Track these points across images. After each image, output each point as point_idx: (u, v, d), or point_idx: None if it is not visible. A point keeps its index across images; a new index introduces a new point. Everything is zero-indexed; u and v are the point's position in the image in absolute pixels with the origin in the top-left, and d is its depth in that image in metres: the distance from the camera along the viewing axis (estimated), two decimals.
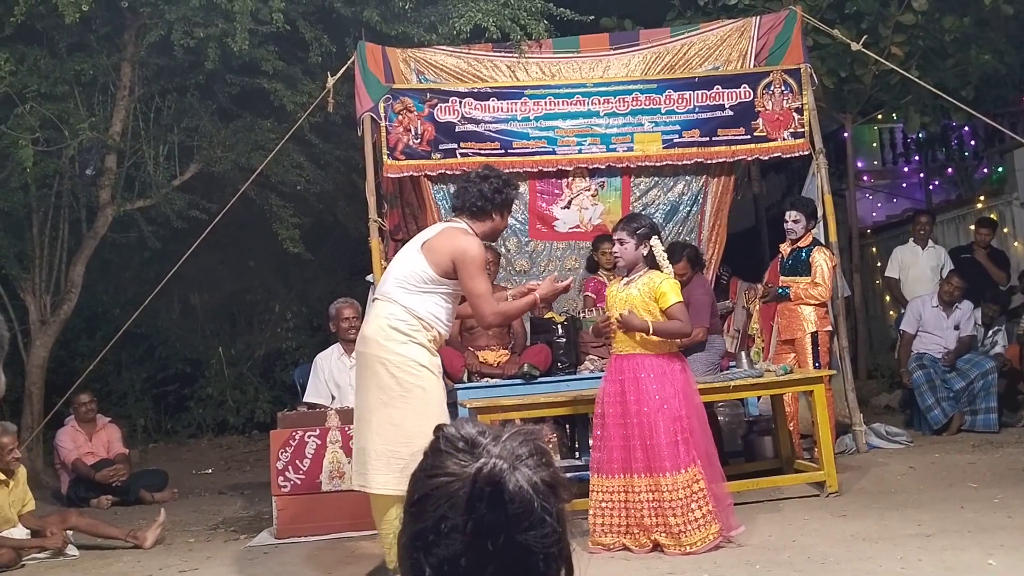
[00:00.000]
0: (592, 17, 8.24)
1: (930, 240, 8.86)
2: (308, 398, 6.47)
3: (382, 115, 6.94)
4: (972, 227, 9.68)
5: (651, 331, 4.67)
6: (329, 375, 6.48)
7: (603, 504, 4.69)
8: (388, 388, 4.13)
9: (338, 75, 7.02)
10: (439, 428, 1.20)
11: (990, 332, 8.29)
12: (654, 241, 4.79)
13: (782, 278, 6.77)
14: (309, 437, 5.67)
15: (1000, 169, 11.74)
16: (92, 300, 10.25)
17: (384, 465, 4.04)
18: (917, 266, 8.74)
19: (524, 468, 1.13)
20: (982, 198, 11.68)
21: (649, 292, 4.76)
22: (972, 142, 13.58)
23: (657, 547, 4.59)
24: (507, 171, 7.11)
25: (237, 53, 7.41)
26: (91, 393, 7.97)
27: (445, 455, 1.15)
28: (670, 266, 4.85)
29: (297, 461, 5.65)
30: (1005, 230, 11.21)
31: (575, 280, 6.35)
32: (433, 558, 1.12)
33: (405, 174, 7.17)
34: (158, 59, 8.24)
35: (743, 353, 6.38)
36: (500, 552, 1.09)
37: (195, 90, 8.60)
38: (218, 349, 11.47)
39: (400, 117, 6.97)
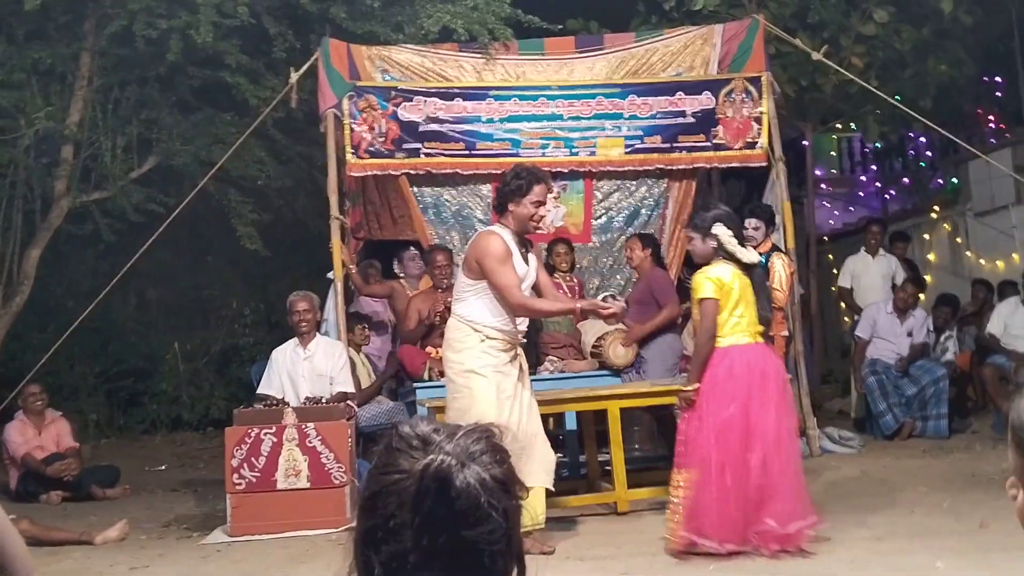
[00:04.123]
0: (561, 27, 8.26)
1: (881, 249, 9.03)
2: (260, 390, 6.44)
3: (346, 112, 6.89)
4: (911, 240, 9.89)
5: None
6: (283, 367, 6.44)
7: None
8: (451, 391, 4.76)
9: (302, 70, 6.96)
10: (394, 426, 1.21)
11: (942, 338, 8.46)
12: (717, 229, 4.61)
13: None
14: (265, 435, 5.62)
15: (955, 180, 11.97)
16: (45, 292, 10.06)
17: None
18: (868, 274, 8.89)
19: (474, 465, 1.13)
20: (937, 208, 11.90)
21: (692, 285, 4.74)
22: (928, 153, 13.82)
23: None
24: (470, 172, 7.22)
25: (200, 46, 7.32)
26: (41, 385, 7.83)
27: (398, 452, 1.15)
28: (743, 249, 4.64)
29: (252, 458, 5.60)
30: (959, 240, 11.45)
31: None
32: (383, 555, 1.12)
33: (369, 173, 7.14)
34: (119, 50, 8.11)
35: None
36: (446, 548, 1.09)
37: (155, 82, 8.48)
38: (174, 344, 11.32)
39: (364, 115, 6.93)
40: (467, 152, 7.10)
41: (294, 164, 9.41)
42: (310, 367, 6.43)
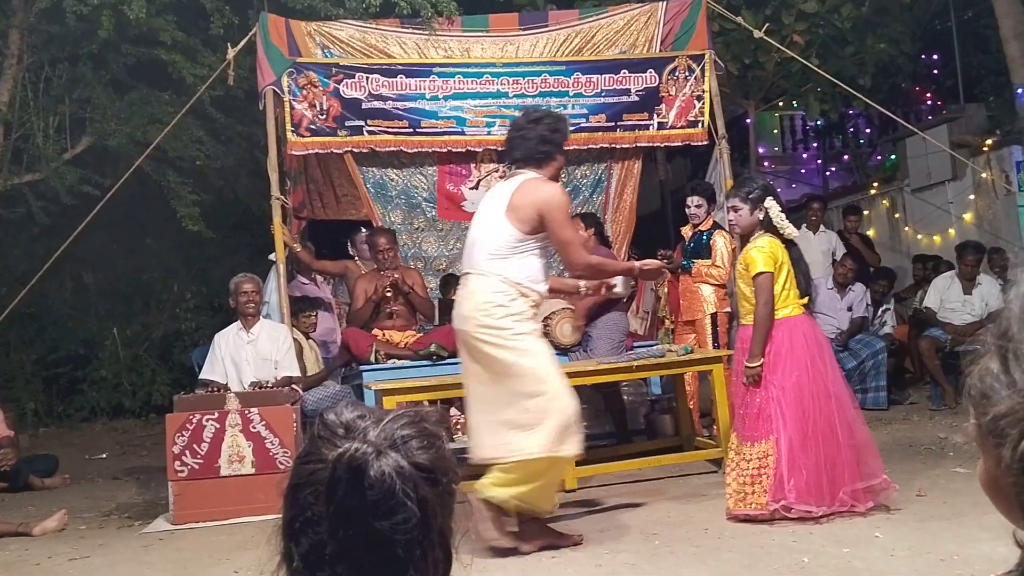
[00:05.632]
0: None
1: (821, 225, 9.16)
2: (203, 375, 6.33)
3: (285, 89, 6.77)
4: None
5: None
6: (226, 352, 6.34)
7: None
8: (497, 362, 4.10)
9: (239, 47, 6.81)
10: (320, 414, 1.17)
11: (880, 311, 8.63)
12: (769, 203, 4.65)
13: (683, 261, 6.91)
14: (207, 420, 5.53)
15: (893, 156, 12.20)
16: None
17: (521, 433, 4.03)
18: (809, 251, 8.96)
19: (394, 453, 1.09)
20: (876, 184, 12.11)
21: (742, 259, 4.70)
22: (867, 130, 14.06)
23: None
24: (415, 150, 7.14)
25: (133, 22, 7.13)
26: None
27: (321, 441, 1.12)
28: (791, 227, 4.72)
29: (195, 445, 5.50)
30: (896, 215, 11.67)
31: None
32: (302, 546, 1.09)
33: (310, 151, 7.03)
34: (49, 26, 7.88)
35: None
36: (361, 540, 1.06)
37: (88, 60, 8.25)
38: (113, 330, 11.09)
39: (304, 92, 6.81)
40: (411, 130, 7.02)
41: (234, 144, 9.24)
42: (254, 351, 6.34)
